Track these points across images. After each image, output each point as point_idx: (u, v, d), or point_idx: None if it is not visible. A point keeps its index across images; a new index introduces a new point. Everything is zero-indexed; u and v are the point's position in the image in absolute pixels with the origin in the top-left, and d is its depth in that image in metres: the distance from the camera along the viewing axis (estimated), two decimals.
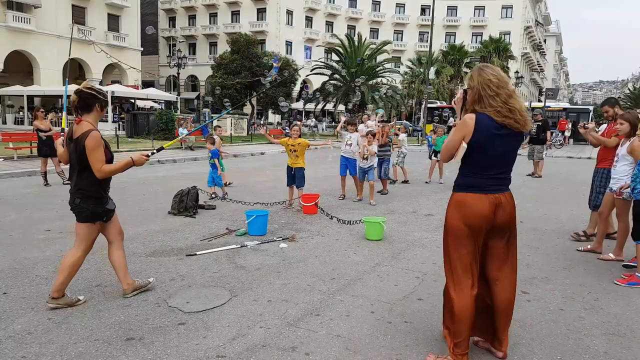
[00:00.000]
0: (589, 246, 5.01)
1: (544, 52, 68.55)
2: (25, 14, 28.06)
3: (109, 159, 3.26)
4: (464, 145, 2.50)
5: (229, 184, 8.95)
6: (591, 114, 29.22)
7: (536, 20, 59.09)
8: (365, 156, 7.50)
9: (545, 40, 69.57)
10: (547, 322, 3.24)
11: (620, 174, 4.54)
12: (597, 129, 5.70)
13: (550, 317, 3.32)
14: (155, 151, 3.67)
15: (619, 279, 4.06)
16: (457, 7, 51.23)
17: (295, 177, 7.04)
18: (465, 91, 2.62)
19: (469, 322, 2.53)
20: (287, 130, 25.35)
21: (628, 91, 78.51)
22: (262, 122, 36.41)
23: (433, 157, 10.25)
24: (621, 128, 4.57)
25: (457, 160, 2.61)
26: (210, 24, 46.70)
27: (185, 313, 3.25)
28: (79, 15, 31.50)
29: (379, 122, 9.91)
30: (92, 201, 3.25)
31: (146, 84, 38.10)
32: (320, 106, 32.11)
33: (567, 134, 26.56)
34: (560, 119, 27.49)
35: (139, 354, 2.70)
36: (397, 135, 10.43)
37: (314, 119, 40.34)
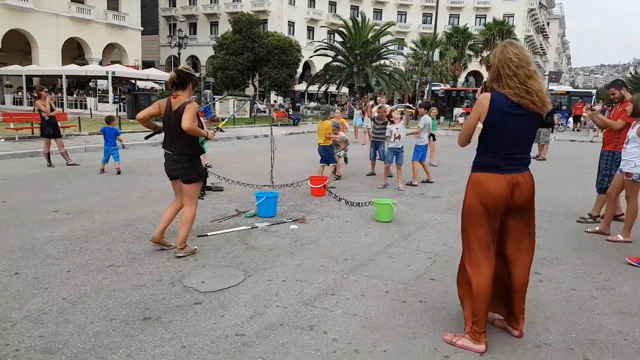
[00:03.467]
0: (597, 228, 4.99)
1: (547, 35, 67.59)
2: None
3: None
4: (480, 125, 2.51)
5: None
6: (594, 97, 28.99)
7: (540, 3, 58.12)
8: (397, 135, 7.21)
9: (548, 23, 68.53)
10: (560, 301, 3.25)
11: (631, 155, 4.50)
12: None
13: (563, 297, 3.33)
14: (218, 129, 4.64)
15: (631, 257, 4.05)
16: None
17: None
18: (484, 84, 2.62)
19: (487, 300, 2.53)
20: (290, 112, 25.17)
21: (629, 75, 77.75)
22: (271, 105, 36.09)
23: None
24: (629, 109, 4.54)
25: (474, 140, 2.59)
26: (211, 3, 45.88)
27: (201, 293, 3.24)
28: None
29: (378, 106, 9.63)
30: (197, 162, 3.92)
31: (146, 64, 37.66)
32: (323, 88, 31.71)
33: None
34: (576, 104, 25.69)
35: (158, 333, 2.69)
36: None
37: (316, 102, 40.06)
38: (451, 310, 3.04)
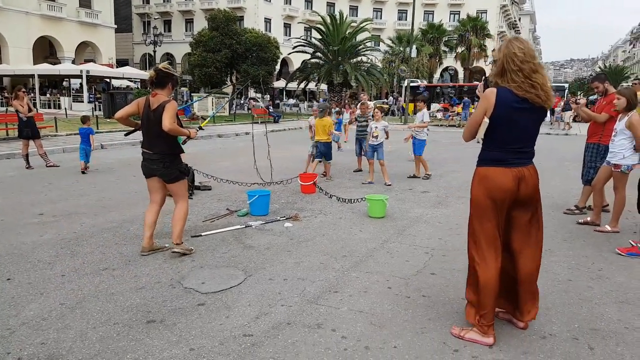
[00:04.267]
0: (588, 218, 5.15)
1: (518, 30, 69.08)
2: None
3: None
4: (486, 120, 2.52)
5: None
6: (566, 91, 29.92)
7: None
8: (375, 134, 7.46)
9: (520, 19, 70.11)
10: (559, 292, 3.34)
11: (619, 147, 4.65)
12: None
13: (561, 288, 3.41)
14: (200, 128, 4.56)
15: (620, 248, 4.19)
16: None
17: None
18: (485, 79, 2.65)
19: (494, 293, 2.57)
20: (271, 110, 25.02)
21: (598, 69, 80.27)
22: (253, 100, 35.71)
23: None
24: (618, 103, 4.67)
25: (480, 135, 2.62)
26: (185, 0, 45.09)
27: (203, 294, 3.20)
28: None
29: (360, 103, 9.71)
30: (177, 161, 3.84)
31: (120, 63, 36.74)
32: (302, 85, 31.61)
33: (561, 112, 22.96)
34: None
35: (163, 336, 2.64)
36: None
37: (294, 99, 39.94)
38: (455, 304, 3.09)
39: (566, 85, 34.68)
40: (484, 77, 2.70)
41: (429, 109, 29.31)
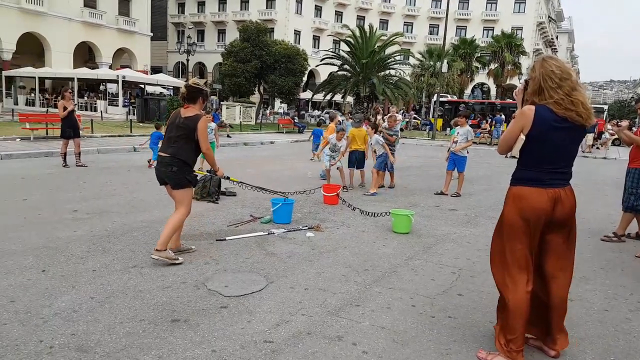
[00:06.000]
0: None
1: (555, 48, 67.84)
2: None
3: None
4: (522, 137, 2.46)
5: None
6: (605, 112, 29.02)
7: (549, 16, 58.43)
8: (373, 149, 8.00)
9: (557, 37, 68.83)
10: (594, 322, 3.19)
11: None
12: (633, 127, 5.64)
13: (596, 318, 3.26)
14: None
15: None
16: (469, 0, 50.62)
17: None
18: (526, 82, 2.55)
19: (524, 318, 2.46)
20: (296, 120, 25.28)
21: None
22: (268, 111, 36.29)
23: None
24: None
25: (515, 152, 2.58)
26: (219, 10, 46.36)
27: (226, 297, 3.26)
28: None
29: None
30: (186, 169, 3.84)
31: (155, 70, 37.98)
32: (328, 97, 31.85)
33: (607, 136, 21.87)
34: (597, 119, 25.36)
35: (187, 335, 2.70)
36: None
37: (319, 110, 40.20)
38: (482, 327, 3.00)
39: (605, 107, 33.56)
40: (524, 80, 2.62)
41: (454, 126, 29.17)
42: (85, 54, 34.04)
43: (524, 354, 2.57)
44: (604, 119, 25.83)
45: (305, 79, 35.10)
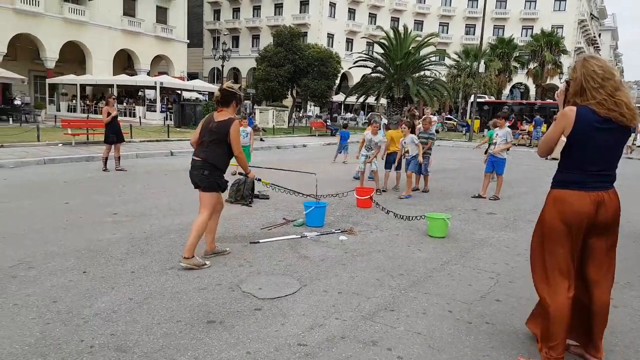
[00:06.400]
0: None
1: (598, 47, 64.84)
2: (79, 6, 29.28)
3: None
4: (563, 139, 2.38)
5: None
6: None
7: (591, 14, 55.91)
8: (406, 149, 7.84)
9: (600, 35, 65.76)
10: (639, 330, 3.04)
11: None
12: None
13: None
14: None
15: None
16: None
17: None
18: (567, 82, 2.48)
19: (565, 325, 2.39)
20: (329, 123, 25.29)
21: None
22: (301, 115, 36.52)
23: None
24: None
25: (556, 155, 2.47)
26: (253, 16, 47.16)
27: (260, 299, 3.26)
28: (129, 7, 32.57)
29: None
30: (217, 173, 3.85)
31: (191, 76, 39.04)
32: (361, 99, 31.71)
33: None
34: None
35: (222, 337, 2.72)
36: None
37: (352, 113, 40.12)
38: (520, 334, 2.90)
39: None
40: (565, 80, 2.54)
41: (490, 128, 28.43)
42: (124, 61, 35.41)
43: None
44: None
45: (337, 81, 35.11)
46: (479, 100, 28.23)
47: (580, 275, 2.50)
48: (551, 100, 29.44)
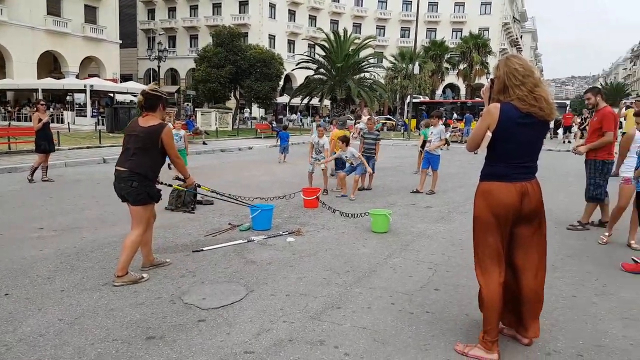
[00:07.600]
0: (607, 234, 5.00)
1: (520, 48, 69.79)
2: None
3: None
4: (489, 134, 2.53)
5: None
6: (567, 107, 30.07)
7: (513, 17, 60.12)
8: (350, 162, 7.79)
9: (521, 37, 70.87)
10: (563, 308, 3.29)
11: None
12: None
13: (564, 304, 3.36)
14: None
15: (625, 264, 4.12)
16: (437, 3, 51.57)
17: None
18: (492, 80, 2.62)
19: (498, 310, 2.54)
20: (274, 125, 25.12)
21: (600, 86, 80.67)
22: (246, 117, 35.99)
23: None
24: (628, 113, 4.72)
25: (483, 149, 2.62)
26: (190, 16, 45.81)
27: (203, 310, 3.15)
28: (53, 6, 30.36)
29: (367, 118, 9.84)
30: (147, 184, 3.56)
31: (124, 78, 37.16)
32: (306, 100, 31.83)
33: (576, 129, 20.82)
34: (565, 113, 23.73)
35: (163, 353, 2.59)
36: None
37: (298, 114, 40.17)
38: (459, 321, 3.04)
39: (568, 102, 34.92)
40: (490, 78, 2.68)
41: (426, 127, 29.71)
42: (49, 64, 32.98)
43: (501, 343, 2.63)
44: (566, 112, 26.31)
45: (282, 83, 34.95)
46: (414, 100, 29.33)
47: (509, 263, 2.65)
48: (480, 99, 31.21)
